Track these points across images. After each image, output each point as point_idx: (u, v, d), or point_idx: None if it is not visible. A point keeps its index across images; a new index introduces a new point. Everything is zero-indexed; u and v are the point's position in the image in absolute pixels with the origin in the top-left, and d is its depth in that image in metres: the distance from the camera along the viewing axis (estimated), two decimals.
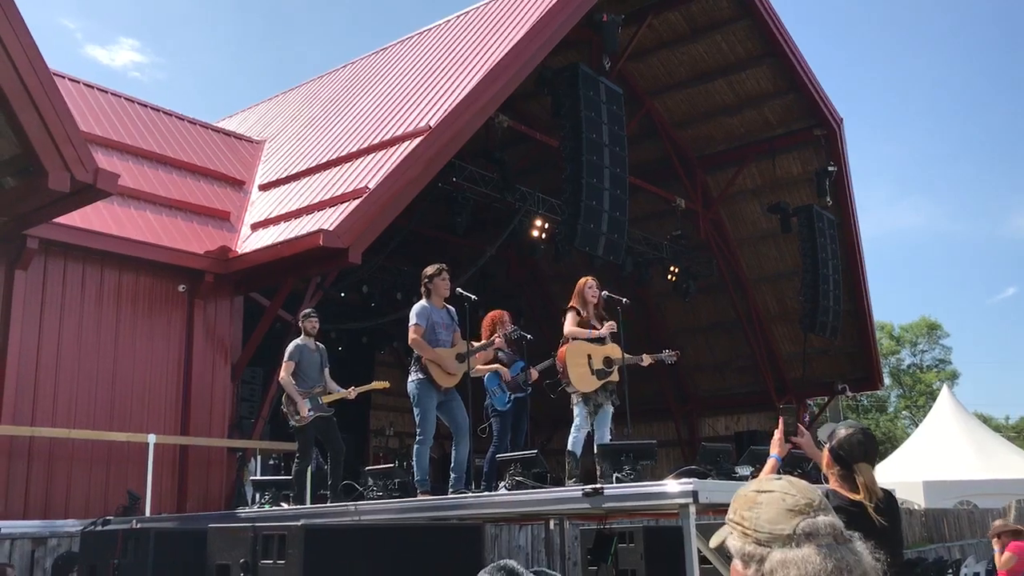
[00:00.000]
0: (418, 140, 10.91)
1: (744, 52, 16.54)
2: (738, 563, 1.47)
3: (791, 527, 1.43)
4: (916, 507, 18.12)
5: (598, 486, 5.07)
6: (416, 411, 6.90)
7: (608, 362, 7.18)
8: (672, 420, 19.94)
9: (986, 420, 39.27)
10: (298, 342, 8.15)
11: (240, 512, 7.95)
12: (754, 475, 5.49)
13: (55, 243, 9.62)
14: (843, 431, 3.46)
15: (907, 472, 21.53)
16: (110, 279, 10.19)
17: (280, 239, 10.66)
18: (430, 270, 7.14)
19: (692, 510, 4.44)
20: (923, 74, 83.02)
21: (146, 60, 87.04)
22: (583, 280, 7.39)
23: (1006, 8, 76.64)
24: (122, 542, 5.55)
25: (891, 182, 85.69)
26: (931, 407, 28.16)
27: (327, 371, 8.20)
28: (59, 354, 9.60)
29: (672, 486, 4.64)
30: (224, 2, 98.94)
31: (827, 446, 3.47)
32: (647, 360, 7.56)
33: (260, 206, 12.60)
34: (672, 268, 17.62)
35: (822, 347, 18.33)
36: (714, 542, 1.57)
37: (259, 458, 11.33)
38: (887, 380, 44.70)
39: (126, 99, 14.05)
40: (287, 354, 8.04)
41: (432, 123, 11.11)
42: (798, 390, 19.18)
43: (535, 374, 8.25)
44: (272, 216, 11.73)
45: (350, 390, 8.12)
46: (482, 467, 7.90)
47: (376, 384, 8.73)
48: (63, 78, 12.49)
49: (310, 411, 7.82)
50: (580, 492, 5.07)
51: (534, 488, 5.74)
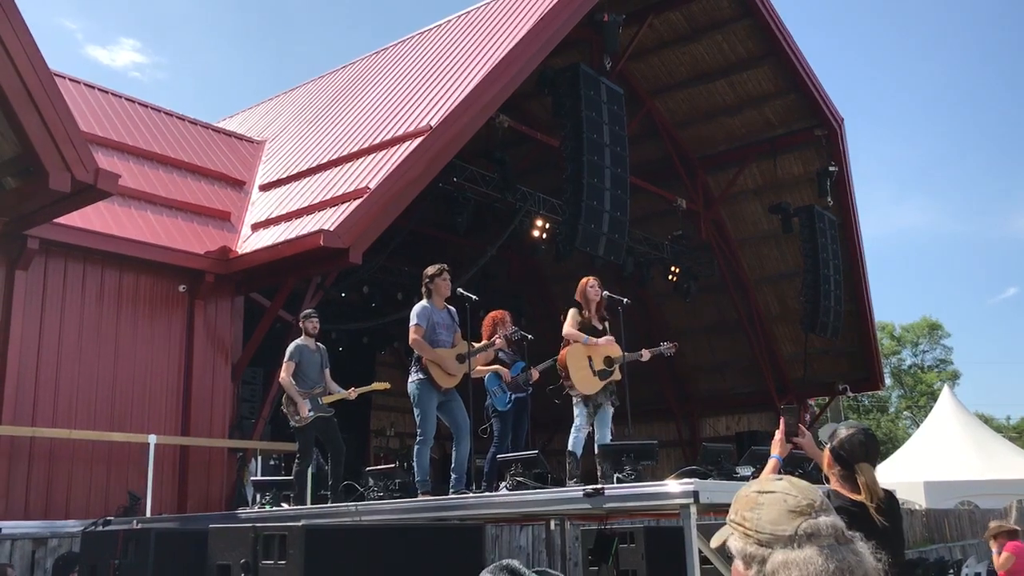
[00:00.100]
0: (419, 140, 10.91)
1: (745, 52, 16.53)
2: (739, 564, 1.47)
3: (793, 528, 1.42)
4: (917, 507, 18.12)
5: (599, 486, 5.07)
6: (416, 411, 6.89)
7: (609, 362, 7.20)
8: (673, 420, 19.93)
9: (987, 420, 39.26)
10: (298, 342, 8.15)
11: (241, 512, 7.96)
12: (755, 476, 5.48)
13: (56, 243, 9.62)
14: (844, 431, 3.45)
15: (908, 472, 21.52)
16: (110, 279, 10.19)
17: (281, 239, 10.66)
18: (431, 270, 7.14)
19: (693, 510, 4.44)
20: (924, 74, 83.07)
21: (147, 60, 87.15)
22: (585, 280, 7.41)
23: (1008, 8, 76.65)
24: (123, 542, 5.55)
25: (892, 182, 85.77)
26: (932, 407, 28.14)
27: (328, 371, 8.20)
28: (60, 354, 9.59)
29: (673, 486, 4.63)
30: (225, 2, 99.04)
31: (828, 446, 3.46)
32: (646, 355, 7.57)
33: (261, 206, 12.60)
34: (673, 268, 17.60)
35: (823, 347, 18.32)
36: (715, 542, 1.57)
37: (260, 458, 11.33)
38: (888, 380, 44.70)
39: (127, 99, 14.05)
40: (287, 354, 8.03)
41: (433, 123, 11.10)
42: (799, 390, 19.15)
43: (536, 374, 8.25)
44: (273, 216, 11.73)
45: (350, 391, 8.12)
46: (482, 467, 7.89)
47: (377, 385, 8.72)
48: (63, 78, 12.49)
49: (310, 411, 7.81)
50: (581, 492, 5.07)
51: (535, 488, 5.74)
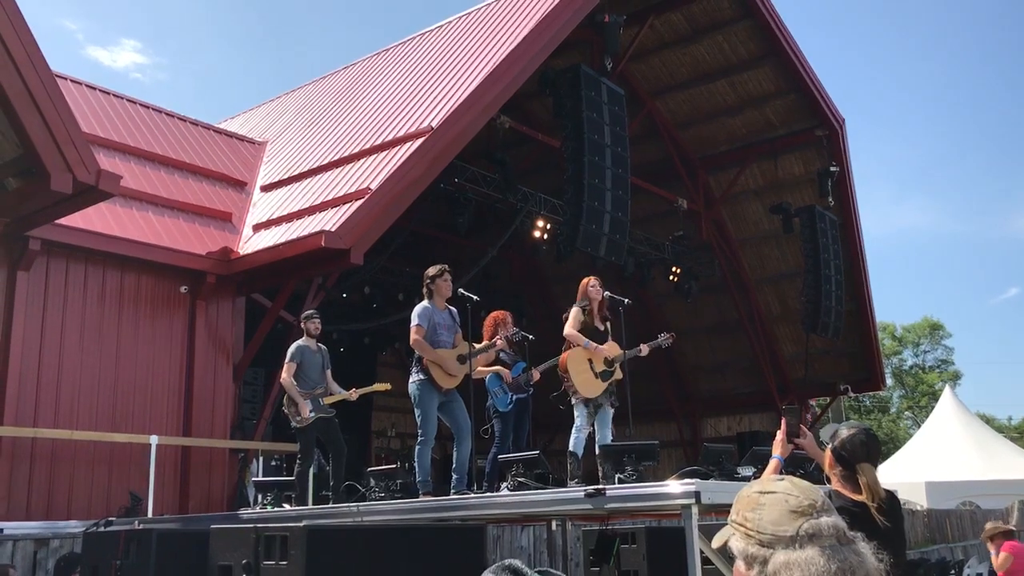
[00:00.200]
0: (420, 141, 10.91)
1: (746, 52, 16.53)
2: (741, 564, 1.47)
3: (794, 528, 1.42)
4: (919, 508, 18.11)
5: (600, 487, 5.07)
6: (417, 412, 6.90)
7: (609, 362, 7.21)
8: (674, 421, 19.93)
9: (988, 421, 39.23)
10: (300, 343, 8.15)
11: (242, 513, 7.96)
12: (757, 476, 5.48)
13: (57, 244, 9.62)
14: (845, 432, 3.44)
15: (909, 473, 21.50)
16: (112, 280, 10.20)
17: (282, 240, 10.66)
18: (432, 271, 7.14)
19: (694, 511, 4.43)
20: (925, 74, 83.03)
21: (148, 61, 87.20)
22: (586, 280, 7.42)
23: (1008, 8, 76.61)
24: (124, 543, 5.55)
25: (893, 182, 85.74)
26: (933, 408, 28.12)
27: (329, 372, 8.20)
28: (61, 355, 9.60)
29: (674, 487, 4.63)
30: (226, 3, 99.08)
31: (829, 447, 3.46)
32: (645, 350, 7.59)
33: (262, 207, 12.61)
34: (674, 269, 17.60)
35: (824, 348, 18.31)
36: (716, 543, 1.57)
37: (261, 459, 11.34)
38: (889, 381, 44.64)
39: (128, 100, 14.06)
40: (289, 355, 8.03)
41: (434, 124, 11.11)
42: (800, 391, 19.15)
43: (537, 375, 8.24)
44: (274, 217, 11.73)
45: (352, 391, 8.12)
46: (484, 468, 7.89)
47: (378, 385, 8.71)
48: (65, 79, 12.51)
49: (312, 412, 7.82)
50: (582, 493, 5.07)
51: (536, 489, 5.74)
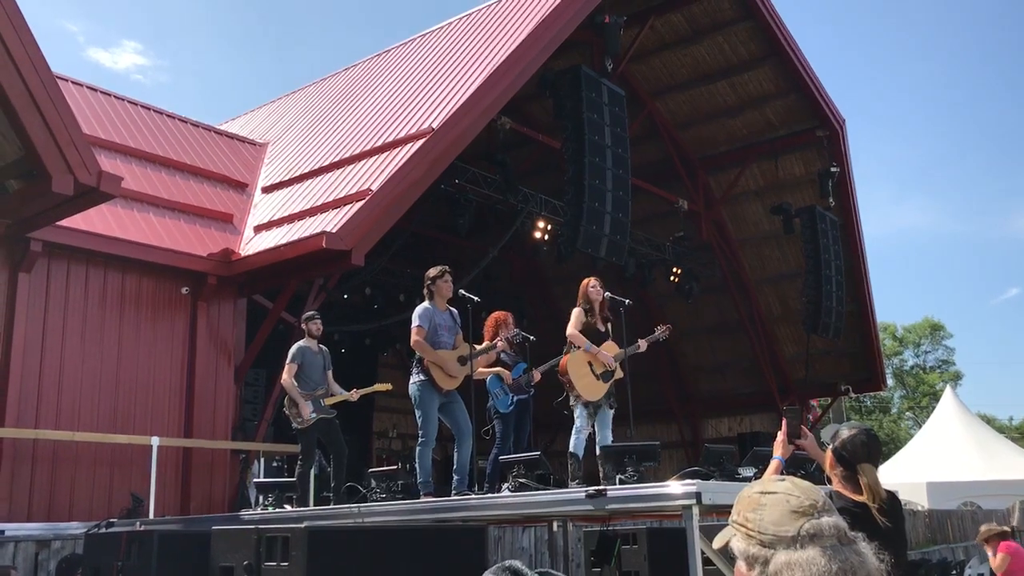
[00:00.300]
0: (421, 142, 10.92)
1: (746, 53, 16.53)
2: (742, 565, 1.47)
3: (795, 528, 1.43)
4: (920, 508, 18.09)
5: (601, 487, 5.07)
6: (418, 413, 6.90)
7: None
8: (675, 422, 19.93)
9: (989, 421, 39.19)
10: (301, 344, 8.16)
11: (243, 514, 7.96)
12: (757, 477, 5.48)
13: (58, 246, 9.63)
14: (846, 432, 3.44)
15: (910, 473, 21.48)
16: (113, 282, 10.21)
17: (283, 241, 10.67)
18: (433, 272, 7.15)
19: (695, 512, 4.44)
20: (925, 75, 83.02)
21: (149, 63, 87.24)
22: (586, 280, 7.42)
23: (1008, 8, 76.60)
24: (126, 544, 5.56)
25: (894, 183, 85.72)
26: (934, 408, 28.08)
27: (330, 373, 8.20)
28: (63, 357, 9.61)
29: (675, 488, 4.63)
30: (227, 5, 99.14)
31: (830, 447, 3.46)
32: (643, 345, 7.61)
33: (263, 208, 12.62)
34: (675, 269, 17.60)
35: (825, 348, 18.30)
36: (717, 544, 1.57)
37: (262, 460, 11.34)
38: (890, 381, 44.63)
39: (129, 102, 14.08)
40: (290, 356, 8.04)
41: (435, 125, 11.12)
42: (801, 391, 19.14)
43: (538, 376, 8.24)
44: (275, 218, 11.74)
45: (353, 392, 8.12)
46: (484, 469, 7.89)
47: (379, 386, 8.72)
48: (66, 81, 12.51)
49: (313, 413, 7.82)
50: (583, 494, 5.07)
51: (537, 490, 5.74)
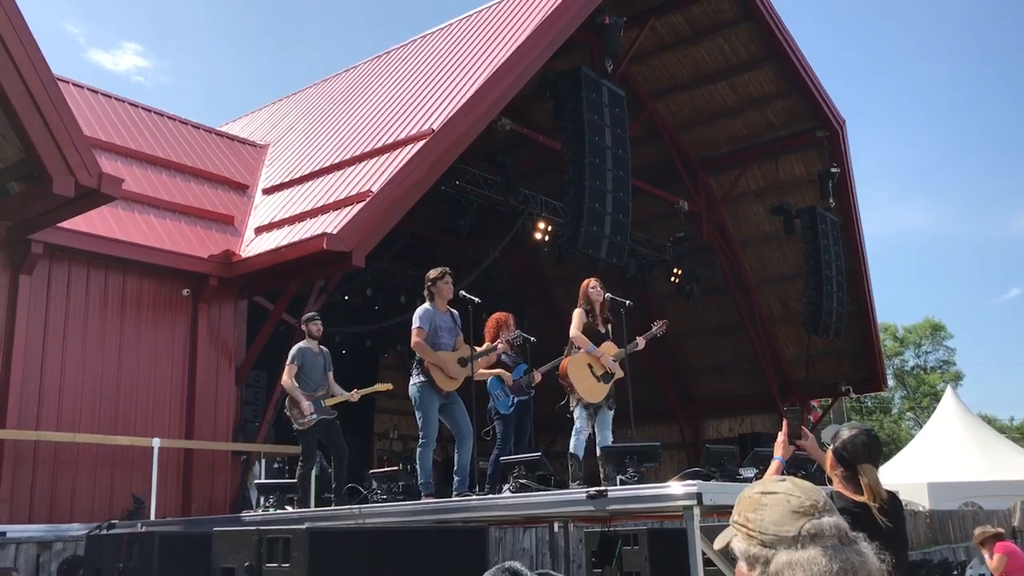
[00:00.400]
0: (421, 143, 10.92)
1: (746, 54, 16.53)
2: (743, 565, 1.47)
3: (796, 529, 1.43)
4: (920, 508, 18.10)
5: (602, 488, 5.07)
6: (418, 414, 6.91)
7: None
8: (675, 422, 19.92)
9: (990, 421, 39.18)
10: (301, 345, 8.16)
11: (244, 515, 7.97)
12: (758, 477, 5.48)
13: (59, 248, 9.64)
14: (847, 433, 3.45)
15: (911, 474, 21.50)
16: (114, 283, 10.21)
17: (284, 243, 10.67)
18: (433, 273, 7.15)
19: (696, 512, 4.44)
20: (926, 75, 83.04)
21: (149, 65, 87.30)
22: (587, 281, 7.43)
23: (1008, 8, 76.62)
24: (127, 546, 5.57)
25: (894, 183, 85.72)
26: (935, 408, 28.11)
27: (331, 374, 8.21)
28: (64, 358, 9.61)
29: (676, 488, 4.63)
30: (227, 6, 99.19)
31: (831, 448, 3.46)
32: (641, 342, 7.63)
33: (264, 210, 12.62)
34: (675, 270, 17.59)
35: (825, 349, 18.30)
36: (718, 544, 1.57)
37: (263, 461, 11.35)
38: (891, 382, 44.62)
39: (129, 104, 14.09)
40: (290, 357, 8.04)
41: (435, 126, 11.12)
42: (802, 392, 19.13)
43: (538, 377, 8.25)
44: (276, 220, 11.74)
45: (353, 393, 8.13)
46: (485, 470, 7.90)
47: (380, 386, 8.72)
48: (67, 83, 12.52)
49: (313, 414, 7.83)
50: (584, 494, 5.07)
51: (538, 490, 5.74)
